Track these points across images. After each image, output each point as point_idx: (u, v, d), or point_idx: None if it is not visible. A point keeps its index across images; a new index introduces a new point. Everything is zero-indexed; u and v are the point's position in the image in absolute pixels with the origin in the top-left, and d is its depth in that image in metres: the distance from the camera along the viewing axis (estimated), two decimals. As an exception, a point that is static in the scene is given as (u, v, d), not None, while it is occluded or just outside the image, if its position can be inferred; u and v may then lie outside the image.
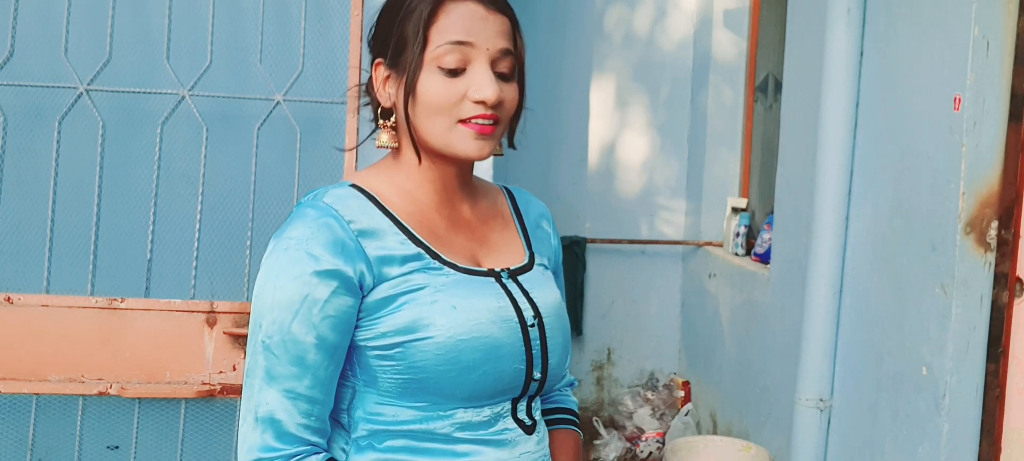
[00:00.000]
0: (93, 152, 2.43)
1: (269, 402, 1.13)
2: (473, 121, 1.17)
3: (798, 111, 3.27)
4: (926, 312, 2.40)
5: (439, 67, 1.17)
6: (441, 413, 1.18)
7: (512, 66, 1.21)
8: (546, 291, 1.28)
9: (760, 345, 3.60)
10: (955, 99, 2.27)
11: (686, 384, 4.57)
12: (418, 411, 1.18)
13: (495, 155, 1.24)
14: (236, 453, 2.49)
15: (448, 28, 1.17)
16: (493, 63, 1.19)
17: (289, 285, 1.12)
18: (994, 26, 2.22)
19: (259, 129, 2.47)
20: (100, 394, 2.26)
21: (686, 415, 4.36)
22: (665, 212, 4.76)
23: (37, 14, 2.50)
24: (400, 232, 1.19)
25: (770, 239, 3.64)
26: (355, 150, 2.34)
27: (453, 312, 1.16)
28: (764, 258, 3.76)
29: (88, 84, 2.39)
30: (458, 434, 1.19)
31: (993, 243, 2.28)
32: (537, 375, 1.23)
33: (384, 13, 1.24)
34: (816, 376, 2.89)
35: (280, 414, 1.13)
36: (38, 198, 2.44)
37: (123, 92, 2.45)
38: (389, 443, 1.18)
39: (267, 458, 1.13)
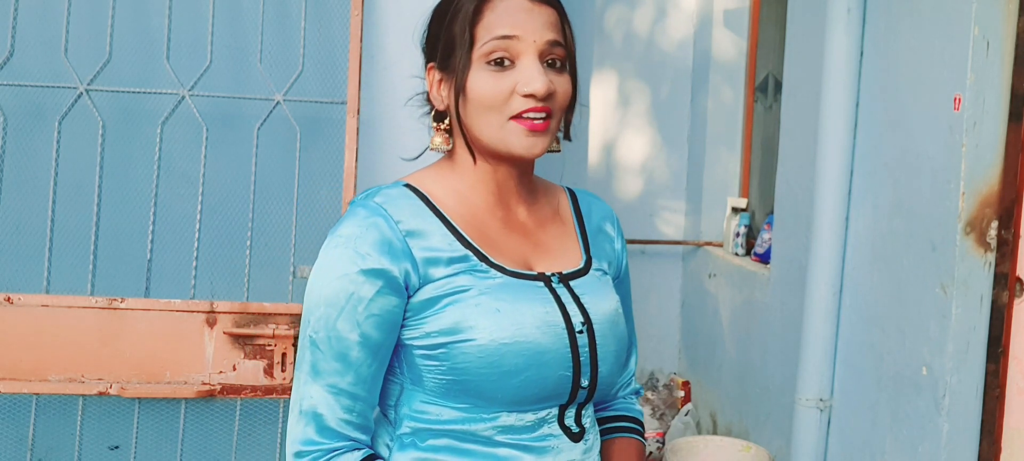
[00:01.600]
0: (93, 152, 2.43)
1: (313, 396, 1.16)
2: (524, 116, 1.16)
3: (798, 111, 3.27)
4: (926, 312, 2.40)
5: (487, 64, 1.16)
6: (483, 415, 1.18)
7: (563, 57, 1.19)
8: (600, 297, 1.25)
9: (760, 345, 3.60)
10: (955, 99, 2.27)
11: (686, 384, 4.56)
12: (461, 412, 1.18)
13: (552, 151, 1.22)
14: (235, 450, 2.50)
15: (494, 24, 1.16)
16: (542, 56, 1.17)
17: (336, 282, 1.14)
18: (994, 26, 2.22)
19: (259, 129, 2.47)
20: (100, 394, 2.26)
21: (686, 415, 4.36)
22: (665, 212, 4.76)
23: (37, 14, 2.50)
24: (449, 233, 1.19)
25: (770, 239, 3.64)
26: (355, 149, 2.34)
27: (496, 315, 1.15)
28: (764, 258, 3.76)
29: (88, 84, 2.39)
30: (499, 437, 1.19)
31: (993, 243, 2.28)
32: (585, 383, 1.21)
33: (433, 17, 1.24)
34: (816, 376, 2.89)
35: (322, 408, 1.15)
36: (38, 198, 2.44)
37: (123, 92, 2.45)
38: (431, 442, 1.19)
39: (308, 451, 1.15)
